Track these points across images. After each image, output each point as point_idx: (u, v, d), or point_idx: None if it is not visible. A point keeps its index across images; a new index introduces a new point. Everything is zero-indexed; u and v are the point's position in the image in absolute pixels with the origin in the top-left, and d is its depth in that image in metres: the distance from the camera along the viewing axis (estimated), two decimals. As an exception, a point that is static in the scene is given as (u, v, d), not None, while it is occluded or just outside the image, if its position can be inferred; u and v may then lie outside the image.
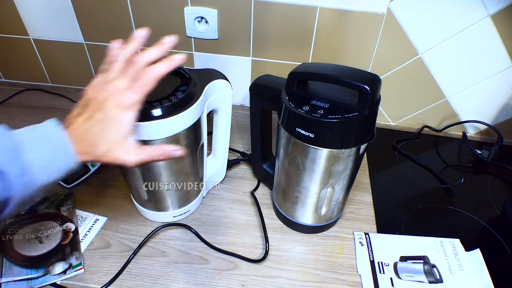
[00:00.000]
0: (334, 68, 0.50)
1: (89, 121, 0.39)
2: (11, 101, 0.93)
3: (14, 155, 0.34)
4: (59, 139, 0.37)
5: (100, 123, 0.38)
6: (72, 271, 0.55)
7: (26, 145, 0.35)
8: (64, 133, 0.38)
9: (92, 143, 0.38)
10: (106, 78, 0.41)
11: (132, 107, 0.39)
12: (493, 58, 0.77)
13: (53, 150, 0.37)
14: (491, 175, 0.81)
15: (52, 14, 0.83)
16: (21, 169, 0.34)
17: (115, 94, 0.39)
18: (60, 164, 0.37)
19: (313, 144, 0.50)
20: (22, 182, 0.34)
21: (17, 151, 0.34)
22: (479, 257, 0.60)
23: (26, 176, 0.34)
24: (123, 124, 0.39)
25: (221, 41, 0.84)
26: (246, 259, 0.59)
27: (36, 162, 0.35)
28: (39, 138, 0.37)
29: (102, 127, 0.38)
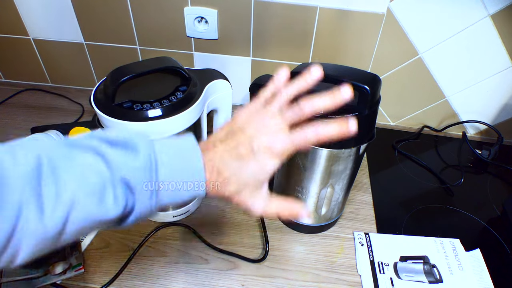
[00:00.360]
0: (334, 68, 0.50)
1: (231, 152, 0.34)
2: (11, 101, 0.93)
3: (150, 176, 0.31)
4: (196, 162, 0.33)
5: (242, 160, 0.34)
6: (72, 271, 0.55)
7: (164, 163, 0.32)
8: (201, 156, 0.33)
9: (226, 177, 0.34)
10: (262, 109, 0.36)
11: (281, 156, 0.35)
12: (493, 58, 0.77)
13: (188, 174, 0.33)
14: (491, 175, 0.81)
15: (52, 14, 0.83)
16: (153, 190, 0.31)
17: (269, 134, 0.34)
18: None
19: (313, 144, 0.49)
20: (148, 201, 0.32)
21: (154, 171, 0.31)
22: (479, 257, 0.60)
23: (154, 196, 0.32)
24: (266, 169, 0.35)
25: (221, 41, 0.84)
26: (246, 259, 0.59)
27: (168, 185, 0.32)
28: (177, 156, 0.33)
29: (242, 165, 0.34)
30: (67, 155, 0.29)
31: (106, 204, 0.29)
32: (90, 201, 0.29)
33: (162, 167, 0.32)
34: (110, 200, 0.29)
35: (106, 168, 0.29)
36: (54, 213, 0.27)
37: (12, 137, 0.73)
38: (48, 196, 0.27)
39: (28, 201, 0.26)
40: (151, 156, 0.31)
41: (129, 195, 0.31)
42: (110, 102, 0.48)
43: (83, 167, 0.29)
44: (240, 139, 0.34)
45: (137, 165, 0.30)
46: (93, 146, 0.30)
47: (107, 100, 0.48)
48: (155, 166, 0.31)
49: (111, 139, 0.31)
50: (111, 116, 0.46)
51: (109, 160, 0.30)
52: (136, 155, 0.31)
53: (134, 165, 0.30)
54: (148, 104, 0.48)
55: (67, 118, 0.86)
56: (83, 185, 0.28)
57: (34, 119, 0.85)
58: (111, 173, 0.30)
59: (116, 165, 0.30)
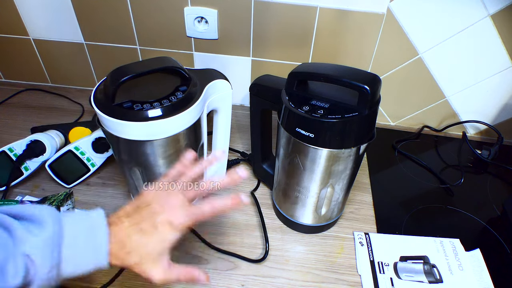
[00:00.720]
0: (334, 68, 0.50)
1: (134, 227, 0.38)
2: (11, 101, 0.93)
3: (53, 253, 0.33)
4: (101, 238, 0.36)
5: (144, 234, 0.38)
6: (72, 271, 0.55)
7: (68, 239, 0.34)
8: (107, 233, 0.36)
9: (129, 251, 0.37)
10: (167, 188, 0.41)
11: (180, 230, 0.39)
12: (493, 58, 0.77)
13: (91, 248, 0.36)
14: (491, 175, 0.81)
15: (52, 14, 0.83)
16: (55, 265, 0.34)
17: (171, 210, 0.39)
18: (90, 262, 0.36)
19: (313, 144, 0.50)
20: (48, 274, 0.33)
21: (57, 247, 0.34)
22: (479, 257, 0.60)
23: (54, 270, 0.34)
24: (166, 242, 0.38)
25: (221, 41, 0.84)
26: (246, 259, 0.59)
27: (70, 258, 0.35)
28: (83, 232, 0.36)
29: (144, 239, 0.37)
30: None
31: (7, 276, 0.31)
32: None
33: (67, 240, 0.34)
34: (10, 272, 0.31)
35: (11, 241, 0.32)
36: None
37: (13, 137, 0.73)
38: None
39: None
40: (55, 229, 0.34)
41: (30, 267, 0.32)
42: (110, 102, 0.48)
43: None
44: (144, 215, 0.38)
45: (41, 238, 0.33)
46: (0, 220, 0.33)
47: (107, 100, 0.48)
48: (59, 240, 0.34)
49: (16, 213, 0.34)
50: (111, 116, 0.46)
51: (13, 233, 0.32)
52: (42, 229, 0.33)
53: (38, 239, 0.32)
54: (148, 104, 0.48)
55: (67, 118, 0.86)
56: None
57: (34, 119, 0.85)
58: (14, 246, 0.32)
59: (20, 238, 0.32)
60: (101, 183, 0.71)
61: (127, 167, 0.55)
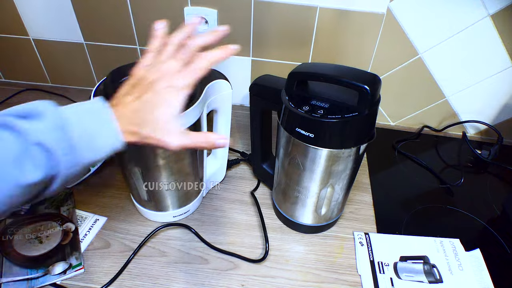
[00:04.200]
0: (334, 68, 0.50)
1: (138, 100, 0.38)
2: (11, 101, 0.93)
3: (62, 134, 0.33)
4: (105, 116, 0.36)
5: (149, 103, 0.38)
6: (72, 271, 0.55)
7: (73, 121, 0.35)
8: (111, 111, 0.37)
9: (138, 123, 0.37)
10: (157, 58, 0.40)
11: (183, 90, 0.39)
12: (493, 58, 0.77)
13: (99, 127, 0.36)
14: (491, 175, 0.81)
15: (52, 14, 0.83)
16: (68, 146, 0.34)
17: (167, 76, 0.38)
18: (105, 141, 0.36)
19: (313, 144, 0.50)
20: (69, 159, 0.34)
21: (65, 128, 0.34)
22: (479, 257, 0.60)
23: (72, 154, 0.34)
24: (172, 106, 0.38)
25: (221, 41, 0.83)
26: (246, 259, 0.59)
27: (83, 139, 0.35)
28: (85, 114, 0.36)
29: (150, 108, 0.37)
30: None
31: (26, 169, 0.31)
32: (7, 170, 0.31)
33: (73, 125, 0.34)
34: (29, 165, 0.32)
35: (17, 136, 0.32)
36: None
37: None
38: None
39: None
40: (57, 117, 0.34)
41: (48, 158, 0.32)
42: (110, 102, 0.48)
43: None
44: (143, 88, 0.38)
45: (46, 127, 0.33)
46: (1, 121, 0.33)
47: (107, 100, 0.48)
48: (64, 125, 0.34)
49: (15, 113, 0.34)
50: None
51: (18, 129, 0.32)
52: (44, 118, 0.33)
53: (43, 128, 0.33)
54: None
55: (67, 118, 0.86)
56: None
57: (34, 119, 0.85)
58: (23, 139, 0.32)
59: (26, 132, 0.32)
60: (101, 183, 0.71)
61: (127, 167, 0.55)
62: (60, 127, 0.34)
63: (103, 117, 0.36)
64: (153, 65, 0.40)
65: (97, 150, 0.36)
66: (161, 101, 0.38)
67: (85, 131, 0.35)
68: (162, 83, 0.38)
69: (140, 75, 0.40)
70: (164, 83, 0.38)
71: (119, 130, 0.37)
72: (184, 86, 0.39)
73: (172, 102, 0.38)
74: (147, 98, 0.38)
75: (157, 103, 0.38)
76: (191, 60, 0.40)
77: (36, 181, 0.32)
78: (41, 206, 0.64)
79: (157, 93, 0.38)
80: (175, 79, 0.38)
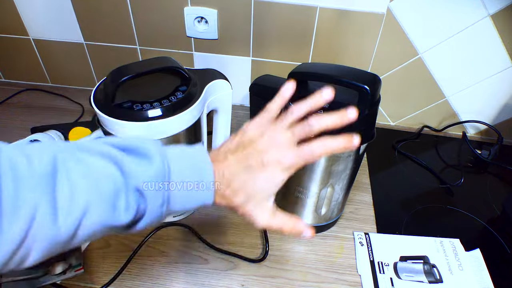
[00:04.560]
0: (334, 68, 0.50)
1: (241, 164, 0.35)
2: (11, 101, 0.93)
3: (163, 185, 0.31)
4: (206, 174, 0.34)
5: (252, 173, 0.35)
6: (72, 271, 0.55)
7: (175, 172, 0.32)
8: (212, 169, 0.34)
9: (234, 189, 0.35)
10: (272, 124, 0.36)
11: (289, 170, 0.35)
12: (493, 58, 0.77)
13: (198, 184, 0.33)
14: (491, 175, 0.81)
15: (52, 14, 0.83)
16: (163, 197, 0.32)
17: (279, 149, 0.35)
18: (197, 199, 0.34)
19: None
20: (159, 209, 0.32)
21: (166, 179, 0.32)
22: (479, 257, 0.60)
23: (164, 205, 0.32)
24: (274, 182, 0.35)
25: (221, 41, 0.84)
26: (246, 259, 0.59)
27: (177, 194, 0.33)
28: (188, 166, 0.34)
29: (252, 178, 0.35)
30: (81, 160, 0.29)
31: (118, 211, 0.30)
32: (103, 207, 0.29)
33: (174, 176, 0.32)
34: (122, 207, 0.30)
35: (120, 175, 0.30)
36: (67, 217, 0.27)
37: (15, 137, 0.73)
38: (62, 199, 0.27)
39: (42, 204, 0.26)
40: (164, 164, 0.31)
41: (141, 202, 0.31)
42: (110, 102, 0.48)
43: (98, 173, 0.29)
44: (251, 152, 0.35)
45: (151, 173, 0.31)
46: (107, 152, 0.30)
47: (107, 100, 0.48)
48: (168, 175, 0.32)
49: (122, 145, 0.32)
50: (111, 116, 0.46)
51: (123, 167, 0.30)
52: (150, 163, 0.31)
53: (148, 174, 0.31)
54: (148, 104, 0.48)
55: (67, 118, 0.86)
56: (97, 191, 0.29)
57: (34, 119, 0.85)
58: (125, 180, 0.30)
59: (129, 172, 0.30)
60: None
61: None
62: (163, 177, 0.31)
63: (204, 174, 0.34)
64: (266, 129, 0.36)
65: (187, 204, 0.34)
66: (264, 174, 0.35)
67: (184, 186, 0.33)
68: (272, 155, 0.35)
69: (250, 136, 0.36)
70: (274, 156, 0.35)
71: (214, 193, 0.34)
72: (291, 166, 0.35)
73: (275, 179, 0.35)
74: (251, 165, 0.35)
75: (260, 175, 0.35)
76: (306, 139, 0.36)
77: (121, 224, 0.30)
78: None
79: (263, 164, 0.35)
80: (286, 156, 0.35)
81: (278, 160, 0.35)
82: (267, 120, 0.37)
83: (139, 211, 0.31)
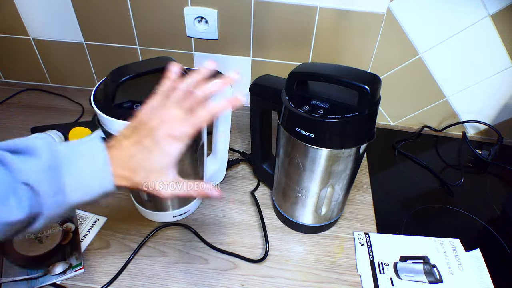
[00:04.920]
0: (334, 68, 0.50)
1: (136, 146, 0.37)
2: (11, 101, 0.93)
3: (53, 176, 0.34)
4: (100, 160, 0.36)
5: (146, 151, 0.37)
6: (72, 271, 0.55)
7: (67, 163, 0.35)
8: (106, 154, 0.36)
9: (133, 169, 0.37)
10: (161, 104, 0.39)
11: (182, 140, 0.38)
12: (493, 58, 0.77)
13: (93, 170, 0.36)
14: (491, 175, 0.81)
15: (52, 14, 0.83)
16: (58, 189, 0.34)
17: (168, 124, 0.38)
18: (96, 186, 0.36)
19: (313, 144, 0.50)
20: (55, 201, 0.34)
21: (57, 171, 0.34)
22: (479, 257, 0.60)
23: (60, 195, 0.34)
24: (168, 155, 0.38)
25: (221, 41, 0.84)
26: (246, 259, 0.59)
27: (73, 183, 0.35)
28: (81, 156, 0.36)
29: (147, 155, 0.37)
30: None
31: (9, 207, 0.31)
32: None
33: (65, 167, 0.34)
34: (13, 203, 0.31)
35: (7, 174, 0.32)
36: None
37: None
38: None
39: None
40: (53, 157, 0.34)
41: (33, 198, 0.33)
42: (110, 102, 0.48)
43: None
44: (143, 133, 0.38)
45: (38, 168, 0.33)
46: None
47: (107, 100, 0.48)
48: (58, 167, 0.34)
49: (13, 147, 0.34)
50: (111, 116, 0.46)
51: (9, 166, 0.32)
52: (37, 158, 0.33)
53: (35, 168, 0.33)
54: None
55: (67, 118, 0.86)
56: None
57: (34, 119, 0.85)
58: (12, 177, 0.32)
59: (16, 169, 0.32)
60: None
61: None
62: (53, 169, 0.34)
63: (99, 160, 0.36)
64: (157, 110, 0.39)
65: (87, 192, 0.36)
66: (158, 149, 0.37)
67: (78, 174, 0.35)
68: (162, 131, 0.37)
69: (142, 119, 0.39)
70: (164, 131, 0.37)
71: (112, 175, 0.36)
72: (183, 136, 0.38)
73: (169, 152, 0.38)
74: (145, 144, 0.37)
75: (154, 151, 0.37)
76: (194, 109, 0.39)
77: (18, 220, 0.32)
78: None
79: (155, 141, 0.37)
80: (175, 128, 0.38)
81: (169, 134, 0.37)
82: (157, 102, 0.40)
83: (33, 206, 0.33)
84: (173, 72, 0.41)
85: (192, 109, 0.39)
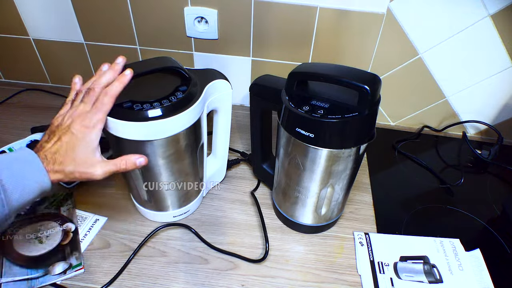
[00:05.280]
0: (334, 68, 0.50)
1: (58, 143, 0.43)
2: (11, 101, 0.93)
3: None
4: (31, 159, 0.41)
5: (67, 144, 0.43)
6: (72, 271, 0.55)
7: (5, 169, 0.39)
8: (36, 155, 0.42)
9: (60, 162, 0.42)
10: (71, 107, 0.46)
11: (96, 126, 0.44)
12: (493, 58, 0.77)
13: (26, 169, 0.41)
14: (491, 175, 0.81)
15: (52, 14, 0.83)
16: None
17: (79, 118, 0.44)
18: (33, 182, 0.41)
19: (313, 144, 0.50)
20: None
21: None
22: (479, 257, 0.60)
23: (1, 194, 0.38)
24: (87, 141, 0.44)
25: (221, 41, 0.84)
26: (246, 259, 0.59)
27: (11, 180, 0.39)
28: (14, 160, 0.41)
29: (69, 147, 0.43)
30: None
31: None
32: None
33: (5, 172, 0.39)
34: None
35: None
36: None
37: (12, 137, 0.73)
38: None
39: None
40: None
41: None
42: (110, 102, 0.48)
43: None
44: (61, 132, 0.44)
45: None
46: None
47: None
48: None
49: None
50: (111, 116, 0.46)
51: None
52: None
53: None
54: (148, 104, 0.48)
55: (67, 118, 0.86)
56: None
57: (34, 119, 0.85)
58: None
59: None
60: (101, 183, 0.71)
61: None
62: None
63: (29, 160, 0.41)
64: (65, 112, 0.46)
65: (26, 191, 0.40)
66: (77, 139, 0.43)
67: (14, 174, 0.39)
68: (76, 125, 0.44)
69: (57, 123, 0.45)
70: (77, 124, 0.44)
71: (45, 171, 0.41)
72: (95, 123, 0.44)
73: (87, 138, 0.44)
74: (65, 139, 0.43)
75: (74, 142, 0.43)
76: (97, 100, 0.45)
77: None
78: (41, 206, 0.64)
79: (72, 134, 0.43)
80: (86, 119, 0.44)
81: (82, 124, 0.44)
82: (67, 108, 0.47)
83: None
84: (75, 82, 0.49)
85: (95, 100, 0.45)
